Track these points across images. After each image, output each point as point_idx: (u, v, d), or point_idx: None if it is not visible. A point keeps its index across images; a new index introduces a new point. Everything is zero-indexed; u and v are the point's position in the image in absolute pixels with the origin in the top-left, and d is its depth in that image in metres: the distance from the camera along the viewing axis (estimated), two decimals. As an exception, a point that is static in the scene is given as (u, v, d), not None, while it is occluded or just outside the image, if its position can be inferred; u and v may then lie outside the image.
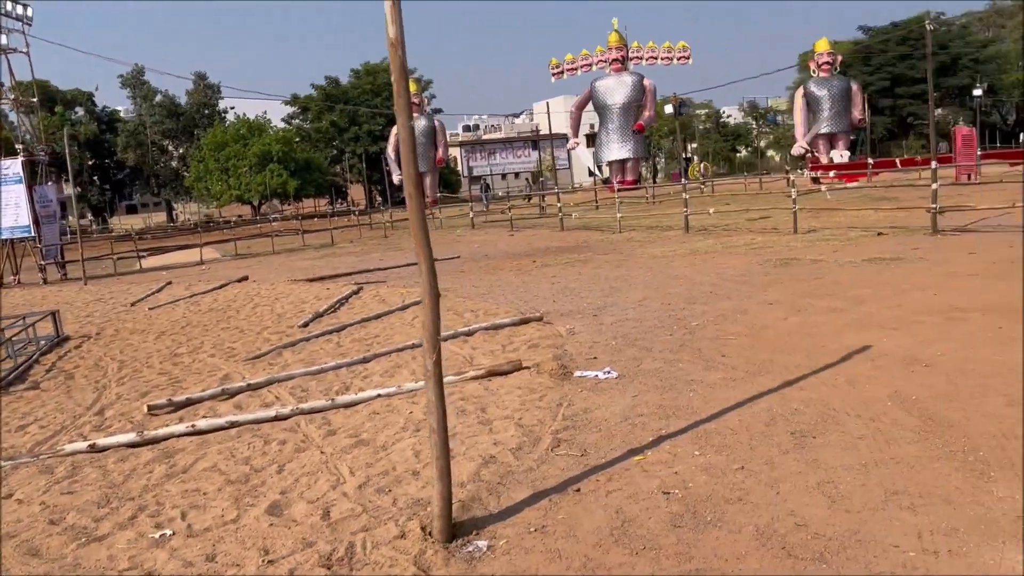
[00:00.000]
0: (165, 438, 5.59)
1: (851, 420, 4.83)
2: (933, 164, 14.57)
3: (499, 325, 8.65)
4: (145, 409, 6.38)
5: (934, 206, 14.04)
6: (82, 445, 5.51)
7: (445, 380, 6.28)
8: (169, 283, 17.52)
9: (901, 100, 65.82)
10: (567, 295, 10.97)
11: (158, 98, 69.25)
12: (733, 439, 4.69)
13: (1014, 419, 4.60)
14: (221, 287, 15.65)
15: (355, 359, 7.60)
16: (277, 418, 5.82)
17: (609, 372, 6.43)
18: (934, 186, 14.24)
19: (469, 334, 8.38)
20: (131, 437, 5.58)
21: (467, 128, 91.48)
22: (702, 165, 47.80)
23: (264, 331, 10.17)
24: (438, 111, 64.51)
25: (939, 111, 66.15)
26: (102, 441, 5.55)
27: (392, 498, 4.18)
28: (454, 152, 78.01)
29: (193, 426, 5.70)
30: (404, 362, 7.37)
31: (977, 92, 56.13)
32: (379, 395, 6.09)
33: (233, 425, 5.71)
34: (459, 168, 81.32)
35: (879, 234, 14.72)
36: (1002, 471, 3.92)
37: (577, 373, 6.51)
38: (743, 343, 7.15)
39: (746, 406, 5.29)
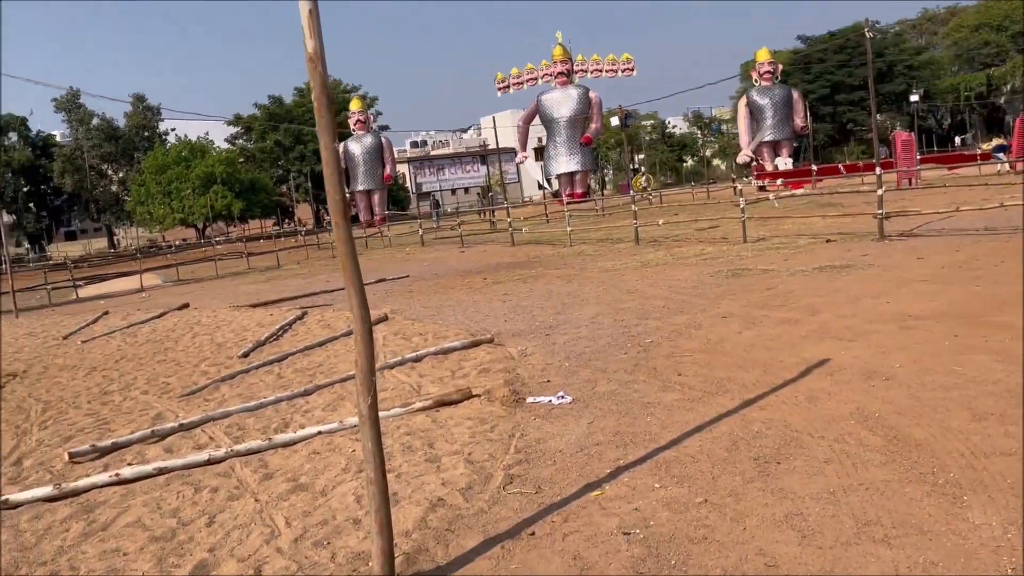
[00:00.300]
0: (86, 489, 5.14)
1: (815, 442, 4.63)
2: (878, 170, 14.69)
3: (448, 349, 8.33)
4: (67, 457, 5.91)
5: (880, 212, 14.12)
6: (-8, 502, 5.04)
7: (390, 413, 5.96)
8: (106, 313, 16.82)
9: (841, 107, 67.34)
10: (519, 313, 10.70)
11: (95, 121, 67.49)
12: (694, 468, 4.44)
13: (980, 435, 4.44)
14: (160, 316, 15.04)
15: (296, 392, 7.21)
16: (210, 462, 5.41)
17: (563, 397, 6.16)
18: (879, 192, 14.34)
19: (417, 360, 8.04)
20: (48, 491, 5.12)
21: (415, 144, 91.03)
22: (644, 177, 48.06)
23: (202, 363, 9.69)
24: (385, 128, 63.96)
25: (878, 117, 67.83)
26: (15, 496, 5.08)
27: (331, 552, 3.83)
28: (402, 168, 77.47)
29: (117, 475, 5.26)
30: (348, 393, 7.00)
31: (914, 98, 57.64)
32: (319, 432, 5.72)
33: (161, 472, 5.28)
34: (408, 184, 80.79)
35: (828, 241, 14.77)
36: (975, 494, 3.73)
37: (530, 399, 6.22)
38: (699, 360, 6.94)
39: (706, 430, 5.06)
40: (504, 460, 4.88)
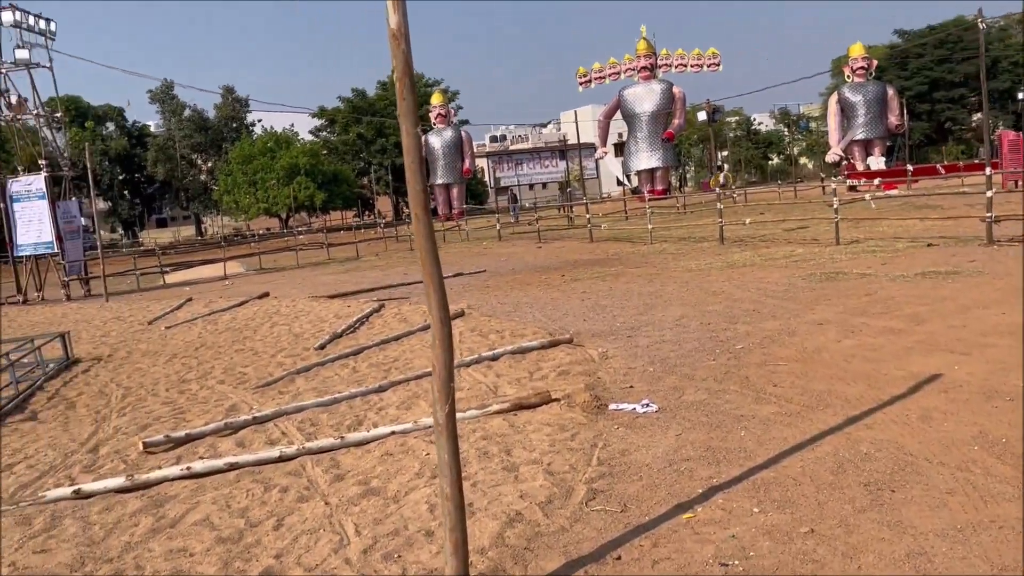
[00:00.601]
0: (157, 482, 5.05)
1: (934, 469, 4.16)
2: (988, 170, 13.76)
3: (526, 348, 8.05)
4: (141, 446, 5.86)
5: (989, 215, 13.21)
6: (67, 491, 5.00)
7: (466, 415, 5.71)
8: (190, 300, 17.15)
9: (939, 105, 64.28)
10: (598, 313, 10.35)
11: (187, 112, 69.71)
12: (796, 492, 4.04)
13: None
14: (241, 304, 15.22)
15: (371, 388, 7.04)
16: (281, 459, 5.26)
17: (648, 405, 5.80)
18: (989, 193, 13.42)
19: (494, 359, 7.79)
20: (120, 482, 5.05)
21: (494, 139, 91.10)
22: (722, 175, 46.78)
23: (279, 353, 9.66)
24: (465, 122, 64.21)
25: (979, 116, 64.60)
26: (88, 486, 5.03)
27: (401, 567, 3.59)
28: (481, 163, 77.63)
29: (188, 468, 5.16)
30: (423, 391, 6.80)
31: (1021, 96, 54.48)
32: (393, 432, 5.51)
33: (232, 467, 5.16)
34: (486, 179, 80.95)
35: (929, 245, 13.91)
36: None
37: (612, 406, 5.89)
38: (795, 370, 6.48)
39: (807, 448, 4.64)
40: (586, 472, 4.57)
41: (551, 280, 14.72)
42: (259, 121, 71.09)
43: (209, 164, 72.14)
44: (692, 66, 48.29)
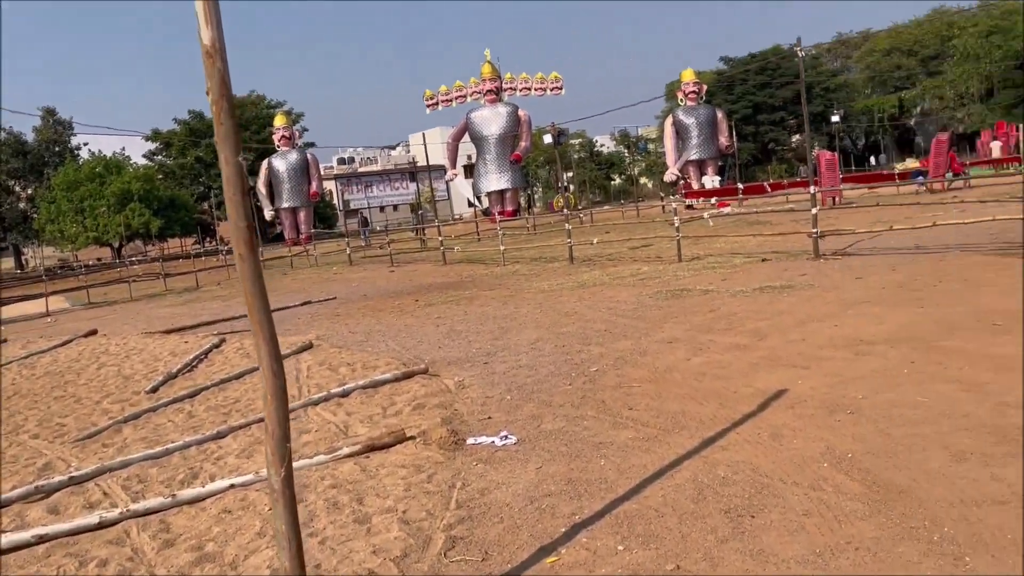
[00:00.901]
0: (-52, 565, 4.35)
1: (789, 490, 4.19)
2: (812, 188, 14.66)
3: (379, 382, 7.70)
4: (-69, 521, 5.07)
5: (815, 231, 14.06)
6: None
7: (313, 461, 5.30)
8: (5, 341, 15.54)
9: (763, 127, 68.93)
10: (454, 339, 10.13)
11: (2, 136, 64.14)
12: (660, 525, 3.95)
13: (965, 479, 4.07)
14: (64, 344, 13.91)
15: (208, 435, 6.47)
16: (101, 525, 4.68)
17: (507, 437, 5.61)
18: (814, 211, 14.29)
19: (344, 395, 7.39)
20: (-100, 568, 4.31)
21: (342, 161, 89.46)
22: (564, 197, 48.04)
23: (105, 399, 8.80)
24: (310, 144, 62.63)
25: (797, 137, 69.73)
26: None
27: (239, 648, 3.19)
28: (329, 185, 75.92)
29: (-13, 546, 4.48)
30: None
31: (835, 118, 59.30)
32: (232, 486, 5.04)
33: (41, 540, 4.53)
34: (335, 202, 79.27)
35: (763, 260, 14.64)
36: (977, 555, 3.33)
37: (470, 440, 5.66)
38: (649, 391, 6.50)
39: (667, 476, 4.59)
40: (444, 518, 4.30)
41: (404, 305, 14.38)
42: (85, 144, 66.38)
43: (29, 191, 66.59)
44: (536, 90, 49.32)
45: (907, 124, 75.60)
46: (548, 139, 44.60)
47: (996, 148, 38.43)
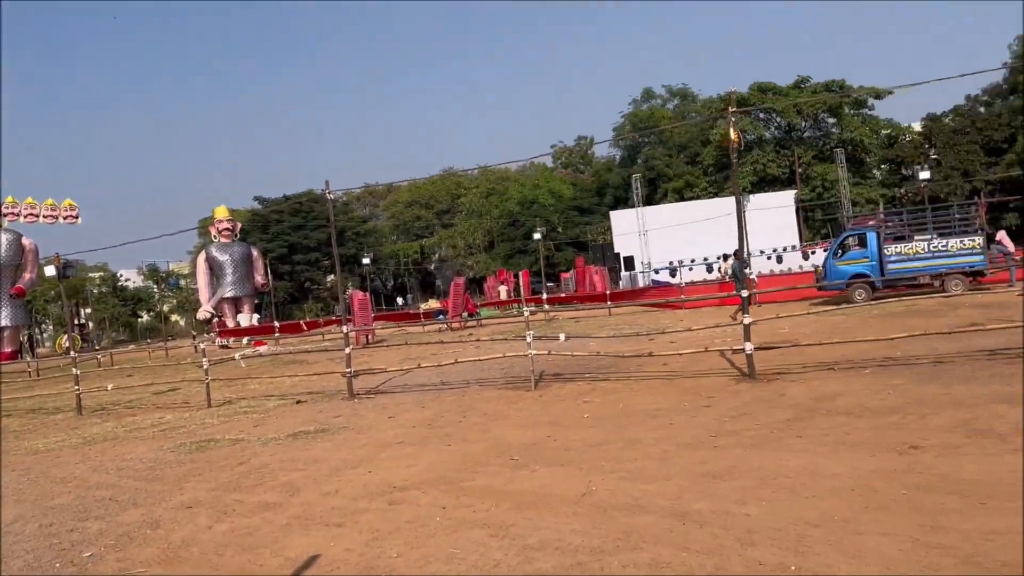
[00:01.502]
0: None
1: None
2: (345, 328, 14.74)
3: None
4: None
5: (349, 370, 14.05)
6: None
7: None
8: None
9: (299, 266, 70.34)
10: None
11: None
12: None
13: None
14: None
15: None
16: None
17: None
18: (347, 349, 14.33)
19: None
20: None
21: None
22: (65, 337, 43.12)
23: None
24: None
25: (332, 277, 72.40)
26: None
27: None
28: None
29: None
30: None
31: (366, 260, 63.05)
32: None
33: None
34: None
35: (298, 402, 14.14)
36: None
37: None
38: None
39: None
40: None
41: None
42: None
43: None
44: (45, 216, 43.94)
45: (428, 268, 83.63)
46: (51, 271, 39.56)
47: (503, 292, 44.08)
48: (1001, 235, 24.85)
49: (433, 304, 46.85)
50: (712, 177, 60.58)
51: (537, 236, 49.01)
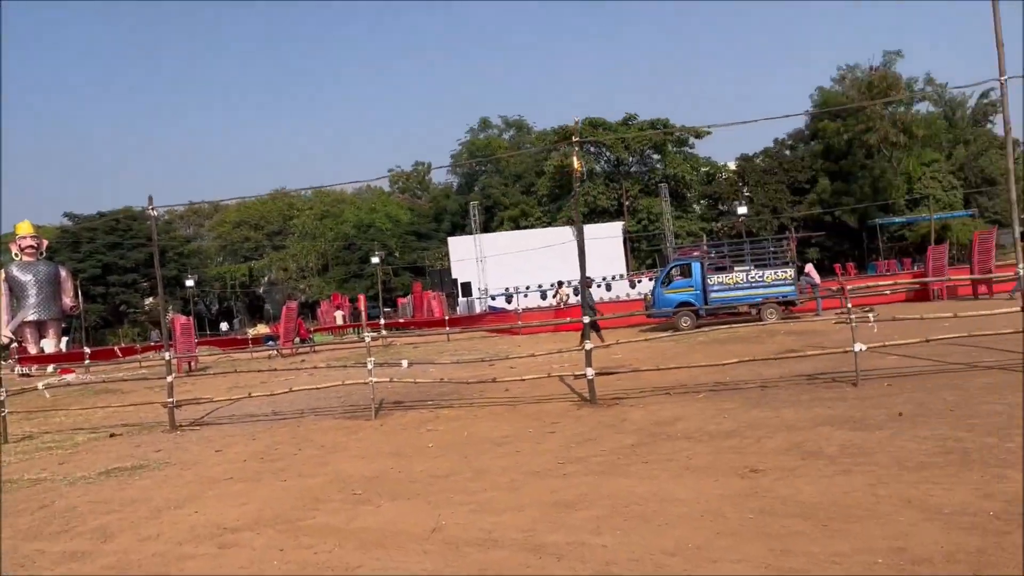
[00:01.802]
0: None
1: None
2: (166, 355, 13.65)
3: None
4: None
5: (171, 400, 13.02)
6: None
7: None
8: None
9: (114, 288, 65.35)
10: None
11: None
12: None
13: None
14: None
15: None
16: None
17: None
18: (169, 378, 13.28)
19: None
20: None
21: None
22: None
23: None
24: None
25: (151, 299, 67.84)
26: None
27: None
28: None
29: None
30: None
31: (190, 283, 59.60)
32: None
33: None
34: None
35: (112, 435, 12.92)
36: None
37: None
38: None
39: None
40: None
41: None
42: None
43: None
44: None
45: (257, 292, 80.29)
46: None
47: (339, 316, 42.88)
48: (809, 268, 26.96)
49: (262, 329, 44.88)
50: (546, 207, 62.28)
51: (375, 260, 48.26)
